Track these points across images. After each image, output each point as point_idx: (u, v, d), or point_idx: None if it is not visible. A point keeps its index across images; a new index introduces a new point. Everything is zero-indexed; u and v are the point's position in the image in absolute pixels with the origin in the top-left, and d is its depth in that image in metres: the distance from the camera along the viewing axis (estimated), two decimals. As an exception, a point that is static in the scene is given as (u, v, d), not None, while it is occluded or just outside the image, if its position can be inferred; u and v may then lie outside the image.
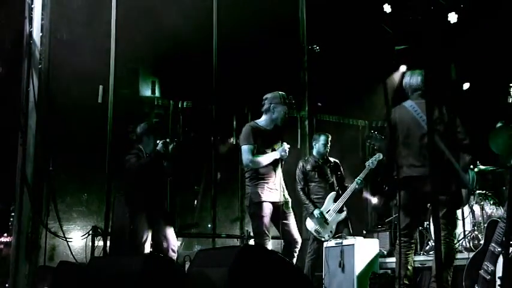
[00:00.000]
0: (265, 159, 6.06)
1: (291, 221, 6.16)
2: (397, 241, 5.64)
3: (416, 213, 5.63)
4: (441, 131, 5.41)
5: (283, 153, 6.10)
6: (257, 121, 6.29)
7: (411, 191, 5.45)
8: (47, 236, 7.74)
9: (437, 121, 5.44)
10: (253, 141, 6.06)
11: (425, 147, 5.36)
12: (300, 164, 7.93)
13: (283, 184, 6.25)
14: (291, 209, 6.22)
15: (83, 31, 8.48)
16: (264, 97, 6.27)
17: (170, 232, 6.73)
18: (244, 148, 6.07)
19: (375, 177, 9.14)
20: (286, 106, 6.19)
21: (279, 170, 6.20)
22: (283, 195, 6.17)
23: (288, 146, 6.17)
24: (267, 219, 6.00)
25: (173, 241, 6.72)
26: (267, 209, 6.01)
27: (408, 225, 5.56)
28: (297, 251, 6.14)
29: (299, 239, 6.17)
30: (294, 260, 6.12)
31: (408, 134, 5.55)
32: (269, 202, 6.03)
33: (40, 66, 7.89)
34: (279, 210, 6.09)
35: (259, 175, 6.07)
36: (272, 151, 6.14)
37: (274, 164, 6.12)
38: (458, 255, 6.25)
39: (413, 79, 5.69)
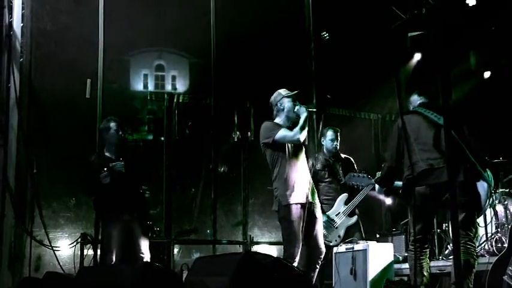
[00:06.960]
0: (300, 126, 5.98)
1: (318, 228, 6.08)
2: (409, 246, 5.70)
3: (430, 216, 5.71)
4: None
5: (299, 108, 6.06)
6: (274, 121, 6.28)
7: (427, 186, 5.50)
8: (31, 244, 7.74)
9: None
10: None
11: (439, 140, 5.49)
12: (310, 162, 7.88)
13: (313, 185, 6.21)
14: (320, 214, 6.16)
15: (68, 20, 8.49)
16: (269, 104, 6.31)
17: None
18: (280, 133, 6.00)
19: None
20: (290, 97, 6.20)
21: (306, 168, 6.17)
22: (313, 196, 6.11)
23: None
24: (298, 224, 5.89)
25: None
26: (298, 212, 5.92)
27: (421, 229, 5.59)
28: (320, 263, 6.06)
29: (323, 249, 6.09)
30: (316, 273, 6.04)
31: (419, 133, 5.67)
32: (299, 204, 5.94)
33: (21, 59, 7.91)
34: (308, 212, 5.98)
35: (286, 173, 5.98)
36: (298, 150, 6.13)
37: (299, 161, 6.08)
38: (480, 260, 6.27)
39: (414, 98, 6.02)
